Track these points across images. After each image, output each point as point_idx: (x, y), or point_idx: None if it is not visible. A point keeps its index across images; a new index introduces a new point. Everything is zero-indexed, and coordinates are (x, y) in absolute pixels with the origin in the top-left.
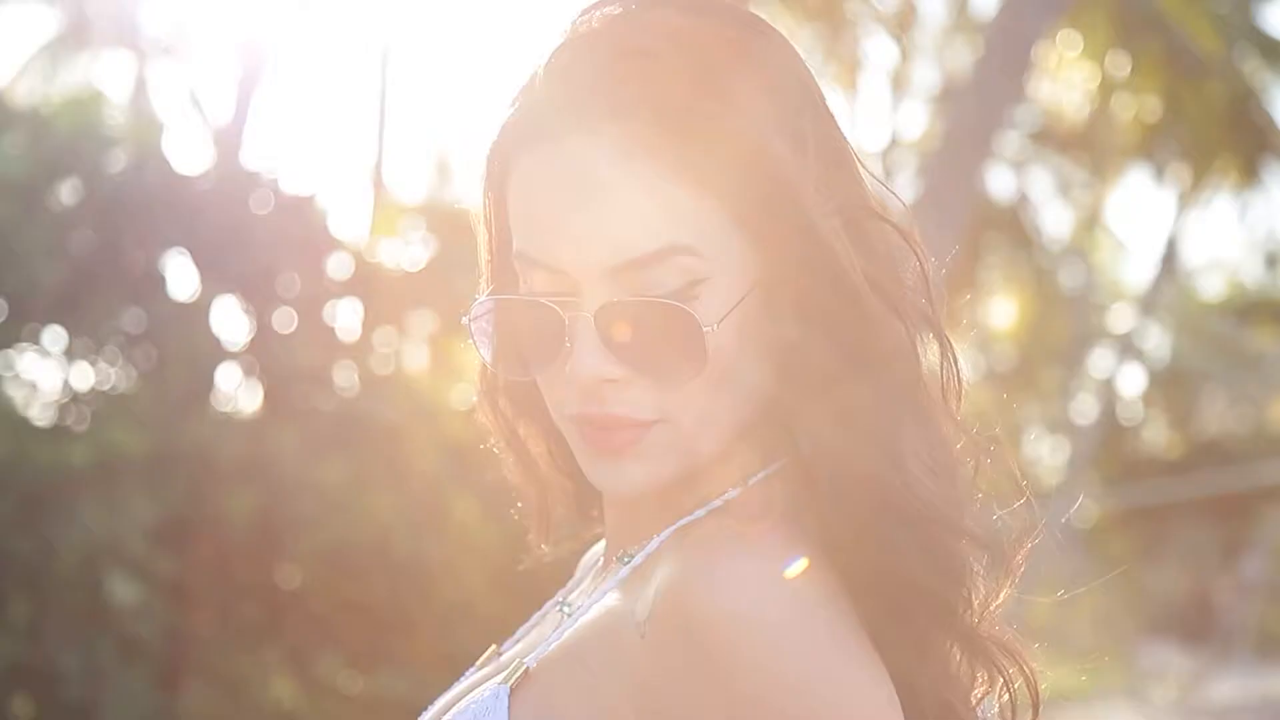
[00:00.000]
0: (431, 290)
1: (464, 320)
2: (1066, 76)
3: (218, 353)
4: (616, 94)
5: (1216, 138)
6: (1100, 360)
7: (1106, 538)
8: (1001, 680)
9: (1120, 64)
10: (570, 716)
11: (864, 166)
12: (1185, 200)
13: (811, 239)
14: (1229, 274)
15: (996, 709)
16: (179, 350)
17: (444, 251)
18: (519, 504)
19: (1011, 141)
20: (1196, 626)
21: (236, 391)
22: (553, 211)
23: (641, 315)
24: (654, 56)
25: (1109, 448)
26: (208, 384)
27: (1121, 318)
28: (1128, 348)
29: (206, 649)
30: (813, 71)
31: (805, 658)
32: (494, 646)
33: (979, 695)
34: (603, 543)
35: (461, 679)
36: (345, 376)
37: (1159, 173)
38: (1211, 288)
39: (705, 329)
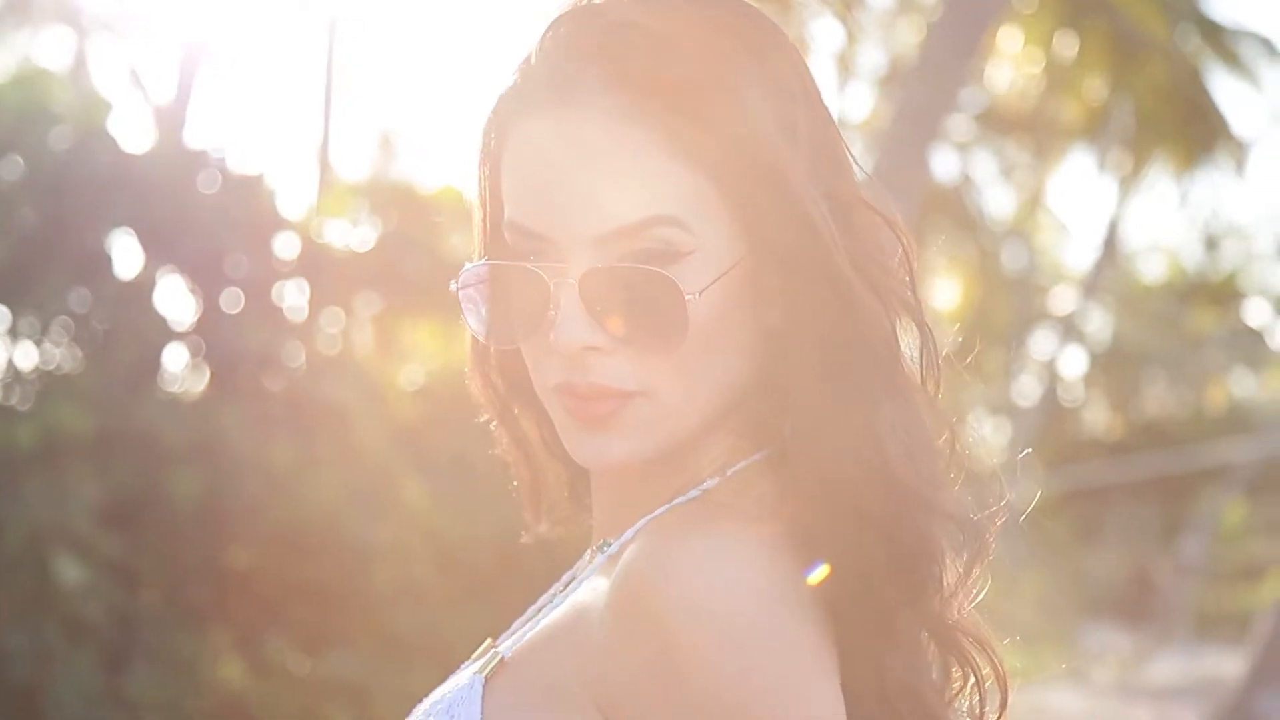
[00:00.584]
0: (379, 270)
1: (452, 287)
2: (1013, 59)
3: (164, 333)
4: (610, 66)
5: (1160, 120)
6: (1042, 342)
7: (1047, 519)
8: (971, 673)
9: (1067, 46)
10: (536, 704)
11: (855, 161)
12: (1127, 183)
13: (797, 220)
14: (1170, 256)
15: (965, 706)
16: (125, 330)
17: (392, 231)
18: (514, 482)
19: (957, 124)
20: (1136, 607)
21: (183, 372)
22: (543, 180)
23: (624, 281)
24: (650, 32)
25: (1050, 429)
26: (154, 364)
27: (1063, 299)
28: (1069, 329)
29: (154, 630)
30: (803, 58)
31: (751, 652)
32: (489, 640)
33: (953, 691)
34: None
35: (457, 671)
36: (293, 357)
37: (1102, 155)
38: (1153, 270)
39: (687, 297)
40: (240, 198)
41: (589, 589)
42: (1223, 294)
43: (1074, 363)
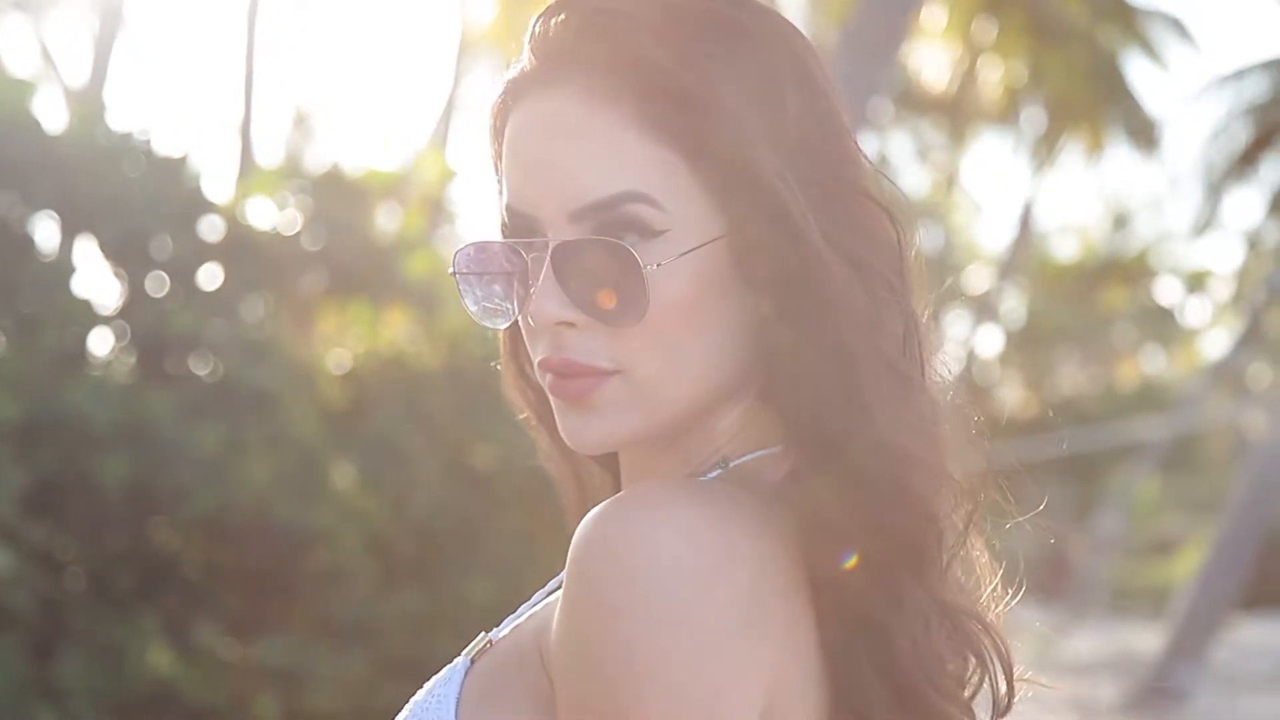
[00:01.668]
0: (306, 254)
1: (450, 272)
2: (933, 40)
3: (89, 316)
4: (587, 49)
5: (1074, 102)
6: (957, 321)
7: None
8: (975, 657)
9: (985, 29)
10: (507, 682)
11: (860, 150)
12: (1041, 163)
13: (766, 200)
14: (1082, 236)
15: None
16: (49, 314)
17: (319, 214)
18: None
19: (878, 105)
20: (1052, 584)
21: (109, 356)
22: (527, 160)
23: (589, 254)
24: (628, 16)
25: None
26: (80, 348)
27: (978, 279)
28: (984, 309)
29: (81, 617)
30: (813, 51)
31: (668, 621)
32: (483, 634)
33: (964, 674)
34: None
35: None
36: (220, 341)
37: (1017, 136)
38: (1065, 250)
39: (646, 268)
40: (165, 180)
41: None
42: (1134, 273)
43: (989, 342)
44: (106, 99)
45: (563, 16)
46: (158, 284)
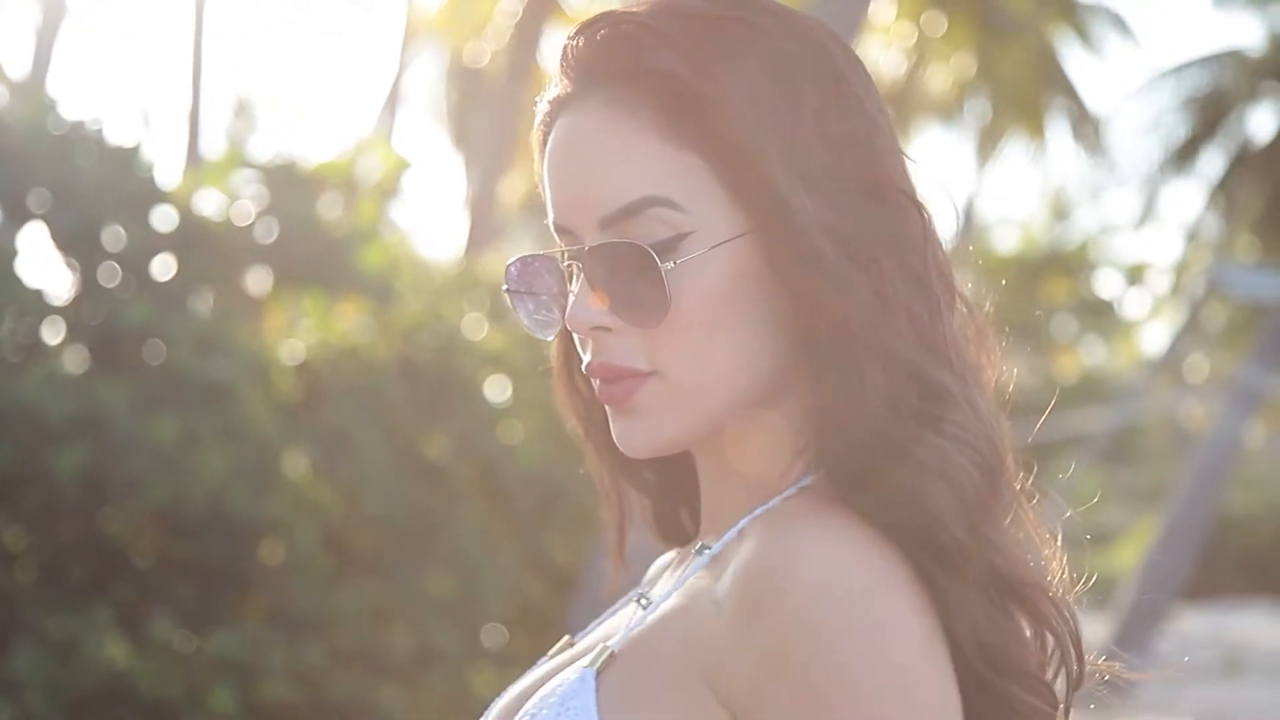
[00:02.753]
0: (260, 245)
1: (503, 289)
2: (882, 33)
3: (41, 307)
4: (608, 64)
5: (1020, 95)
6: None
7: None
8: (1045, 628)
9: (935, 23)
10: (649, 695)
11: (895, 143)
12: (985, 156)
13: (772, 195)
14: (1023, 229)
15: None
16: (2, 305)
17: (272, 205)
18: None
19: None
20: None
21: (62, 347)
22: (559, 175)
23: (613, 258)
24: (644, 28)
25: None
26: (33, 339)
27: None
28: None
29: (35, 609)
30: (848, 54)
31: (880, 635)
32: (567, 637)
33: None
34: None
35: (534, 668)
36: (173, 332)
37: (961, 129)
38: (1006, 242)
39: (665, 266)
40: (117, 170)
41: (694, 587)
42: (1074, 265)
43: None
44: (50, 89)
45: (585, 36)
46: (110, 275)
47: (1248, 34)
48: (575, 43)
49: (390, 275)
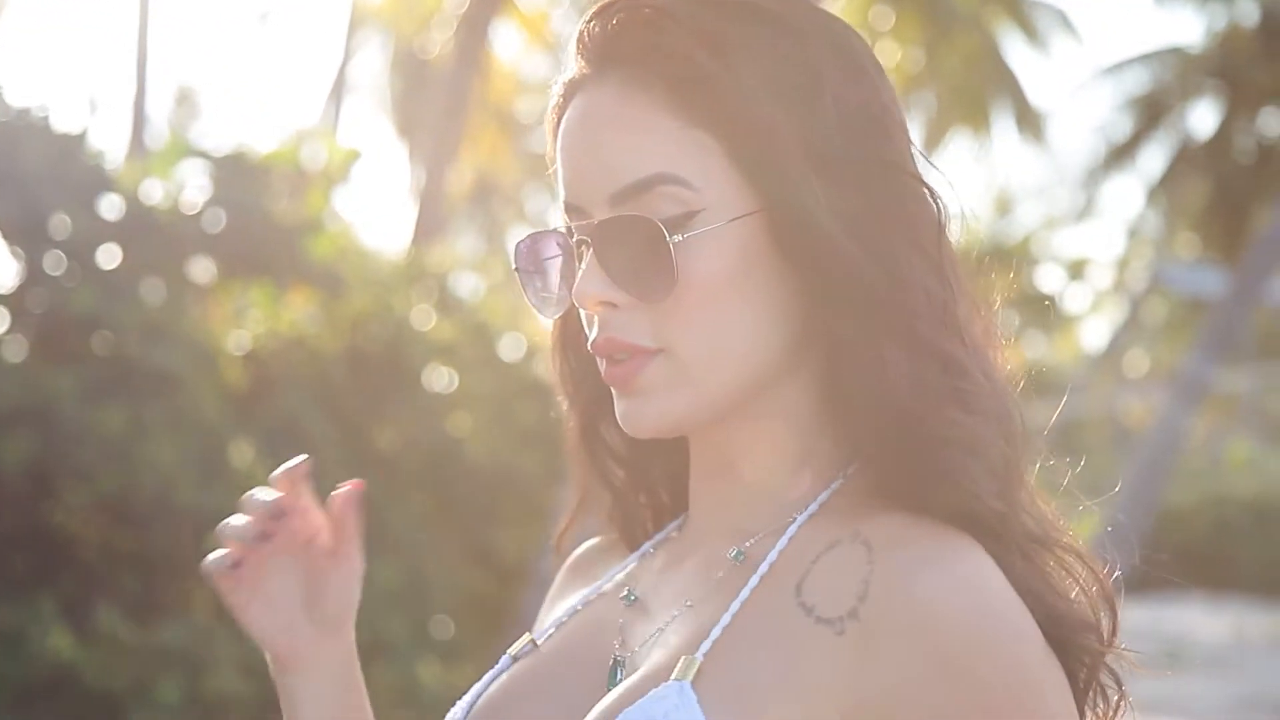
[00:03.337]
0: (208, 233)
1: (512, 268)
2: None
3: None
4: (624, 45)
5: (966, 90)
6: None
7: None
8: (1074, 579)
9: (884, 17)
10: (752, 710)
11: (908, 135)
12: (929, 150)
13: (785, 175)
14: (964, 222)
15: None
16: None
17: (220, 194)
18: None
19: None
20: None
21: (8, 336)
22: (572, 154)
23: (622, 232)
24: (661, 10)
25: None
26: None
27: None
28: None
29: None
30: (864, 44)
31: (1027, 646)
32: (529, 636)
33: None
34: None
35: (497, 670)
36: (120, 321)
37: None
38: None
39: (672, 239)
40: (63, 158)
41: (773, 600)
42: (1016, 259)
43: None
44: None
45: (601, 20)
46: (56, 263)
47: (1189, 31)
48: (591, 26)
49: (339, 265)
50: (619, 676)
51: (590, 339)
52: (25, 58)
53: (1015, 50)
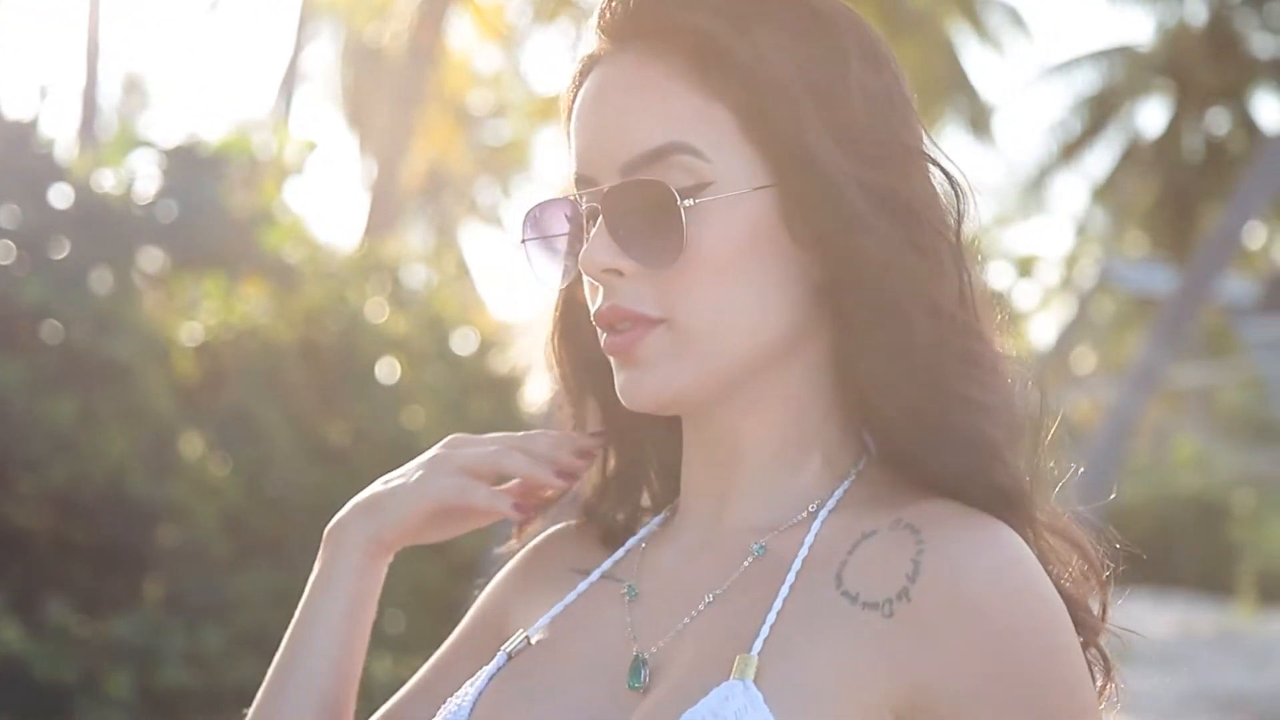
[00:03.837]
0: (160, 224)
1: (517, 241)
2: None
3: None
4: (644, 20)
5: (918, 87)
6: None
7: None
8: (1076, 548)
9: None
10: (814, 704)
11: (922, 126)
12: None
13: (806, 152)
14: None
15: None
16: None
17: (173, 184)
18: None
19: None
20: None
21: None
22: (586, 124)
23: (632, 197)
24: None
25: None
26: None
27: None
28: None
29: None
30: (880, 38)
31: (1066, 624)
32: (523, 632)
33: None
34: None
35: (489, 669)
36: (71, 311)
37: None
38: None
39: (684, 203)
40: (13, 146)
41: (815, 592)
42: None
43: None
44: None
45: None
46: (5, 252)
47: (1140, 30)
48: (612, 3)
49: (292, 257)
50: (644, 675)
51: (594, 309)
52: None
53: (968, 48)
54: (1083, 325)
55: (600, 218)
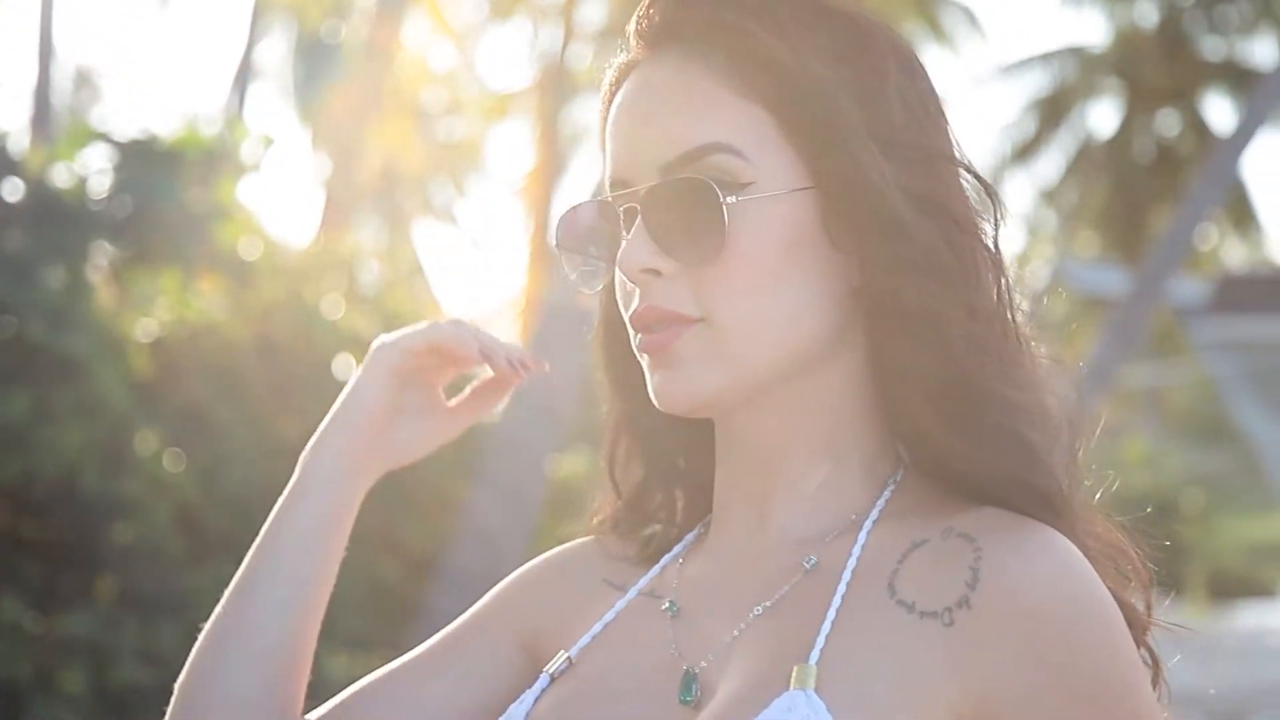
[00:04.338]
0: (115, 218)
1: (553, 245)
2: None
3: None
4: (684, 23)
5: None
6: None
7: None
8: (1123, 573)
9: None
10: (886, 710)
11: (955, 139)
12: None
13: (849, 156)
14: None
15: None
16: None
17: (129, 178)
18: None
19: None
20: None
21: None
22: (624, 127)
23: (672, 196)
24: None
25: None
26: None
27: None
28: None
29: None
30: (914, 50)
31: (1123, 627)
32: (564, 654)
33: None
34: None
35: (536, 690)
36: (25, 305)
37: None
38: None
39: (726, 200)
40: None
41: (870, 606)
42: None
43: None
44: None
45: (661, 3)
46: None
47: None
48: (651, 9)
49: (248, 253)
50: (695, 690)
51: (630, 311)
52: None
53: (923, 47)
54: (1033, 326)
55: (638, 218)
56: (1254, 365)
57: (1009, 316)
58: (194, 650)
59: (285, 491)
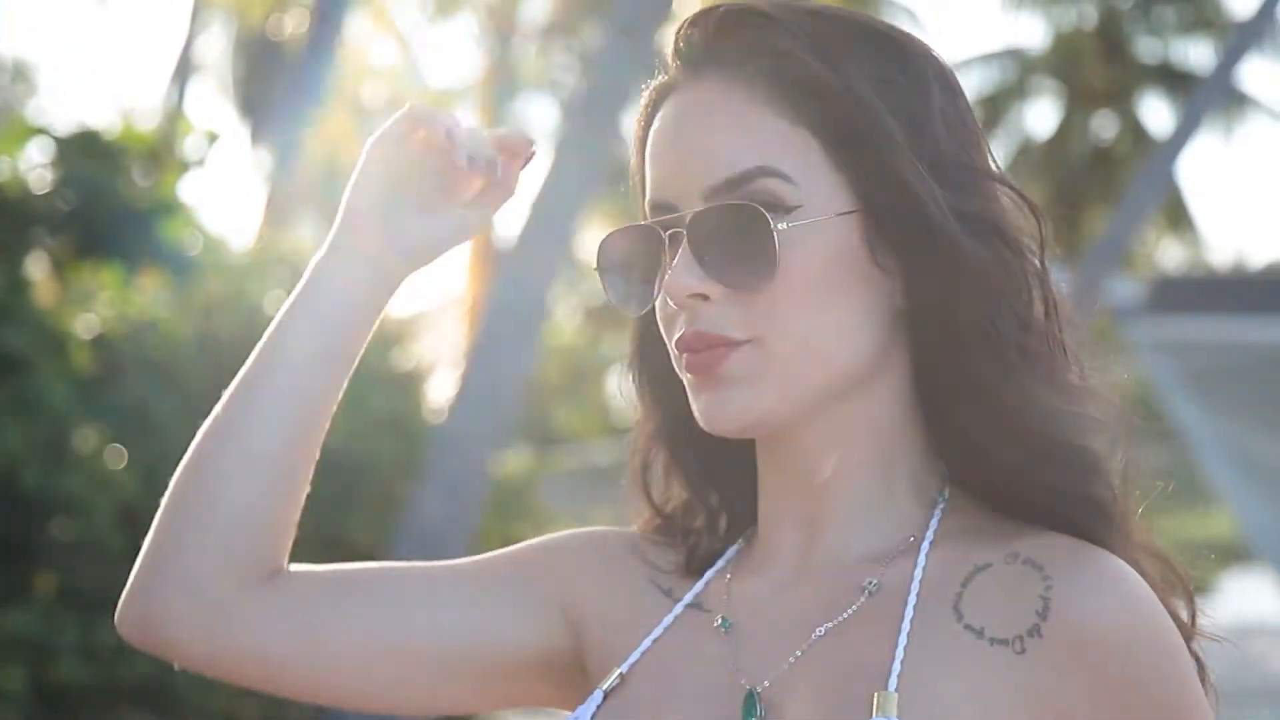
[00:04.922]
0: (56, 213)
1: (594, 269)
2: None
3: None
4: (725, 46)
5: None
6: None
7: None
8: (1164, 562)
9: None
10: None
11: (993, 156)
12: None
13: (896, 177)
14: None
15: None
16: None
17: (70, 173)
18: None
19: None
20: None
21: None
22: (665, 150)
23: (721, 221)
24: (764, 14)
25: None
26: None
27: None
28: None
29: None
30: (944, 62)
31: (1184, 647)
32: (617, 669)
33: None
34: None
35: (589, 706)
36: None
37: None
38: None
39: (778, 227)
40: None
41: (934, 623)
42: None
43: None
44: None
45: (701, 25)
46: None
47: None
48: (689, 31)
49: (191, 249)
50: (759, 711)
51: (674, 337)
52: None
53: None
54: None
55: (684, 242)
56: (1190, 366)
57: (1057, 330)
58: (190, 450)
59: (292, 295)
